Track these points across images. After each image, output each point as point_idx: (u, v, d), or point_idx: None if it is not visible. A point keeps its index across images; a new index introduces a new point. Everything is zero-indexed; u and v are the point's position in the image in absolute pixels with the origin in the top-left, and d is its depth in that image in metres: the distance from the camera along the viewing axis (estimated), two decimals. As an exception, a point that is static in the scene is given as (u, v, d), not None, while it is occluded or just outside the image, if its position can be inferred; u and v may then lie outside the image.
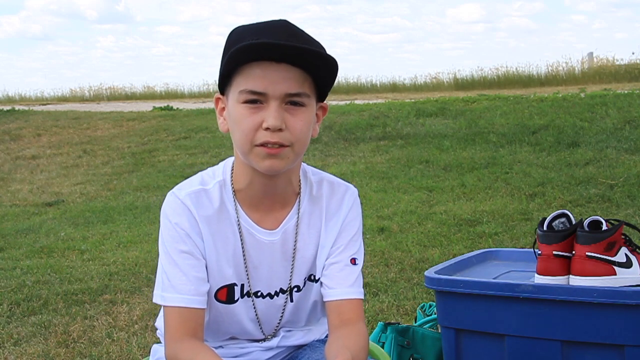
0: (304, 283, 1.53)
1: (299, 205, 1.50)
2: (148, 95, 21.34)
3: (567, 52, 48.01)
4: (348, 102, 12.90)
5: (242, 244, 1.46)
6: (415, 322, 2.50)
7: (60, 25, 71.44)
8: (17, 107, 15.79)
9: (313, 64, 1.34)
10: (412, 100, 11.85)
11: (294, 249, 1.49)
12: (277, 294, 1.51)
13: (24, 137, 11.85)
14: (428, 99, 11.90)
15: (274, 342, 1.56)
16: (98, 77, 62.99)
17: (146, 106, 14.84)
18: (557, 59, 26.12)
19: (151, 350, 1.63)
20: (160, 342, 1.58)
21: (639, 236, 2.10)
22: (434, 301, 2.32)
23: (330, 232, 1.51)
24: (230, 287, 1.47)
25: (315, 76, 1.37)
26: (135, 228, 5.63)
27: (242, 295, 1.49)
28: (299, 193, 1.50)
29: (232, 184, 1.47)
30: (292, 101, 1.35)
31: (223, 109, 1.43)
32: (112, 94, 22.20)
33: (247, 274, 1.48)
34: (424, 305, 2.61)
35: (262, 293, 1.50)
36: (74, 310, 3.59)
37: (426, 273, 1.98)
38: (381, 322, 2.32)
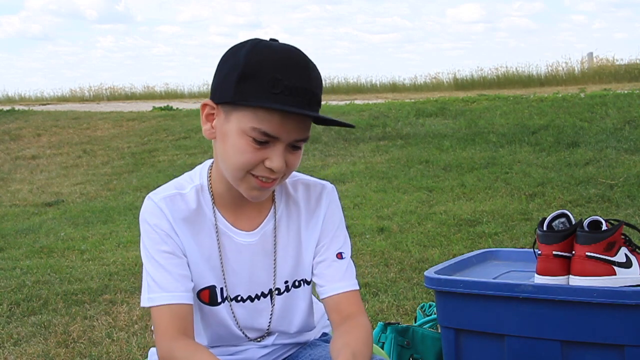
0: (286, 287, 1.52)
1: (275, 209, 1.51)
2: (148, 95, 21.34)
3: (567, 52, 48.03)
4: (348, 102, 12.90)
5: (219, 247, 1.47)
6: (415, 322, 2.50)
7: (60, 25, 71.49)
8: (17, 107, 15.79)
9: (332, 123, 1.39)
10: (412, 101, 11.85)
11: (274, 252, 1.50)
12: (257, 297, 1.51)
13: (24, 137, 11.85)
14: (428, 99, 11.90)
15: (270, 340, 1.55)
16: (98, 77, 63.05)
17: (146, 106, 14.84)
18: (557, 59, 26.17)
19: (149, 353, 1.63)
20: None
21: (639, 236, 2.10)
22: (433, 301, 2.32)
23: (312, 233, 1.52)
24: (211, 289, 1.47)
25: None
26: (135, 228, 5.63)
27: (223, 300, 1.49)
28: (274, 197, 1.52)
29: (210, 188, 1.48)
30: (296, 145, 1.37)
31: (211, 115, 1.40)
32: (112, 94, 22.20)
33: (224, 278, 1.48)
34: (423, 305, 2.61)
35: (242, 297, 1.50)
36: (74, 310, 3.59)
37: (426, 273, 1.98)
38: (381, 322, 2.32)
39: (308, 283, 1.54)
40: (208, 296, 1.48)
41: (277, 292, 1.51)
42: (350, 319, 1.46)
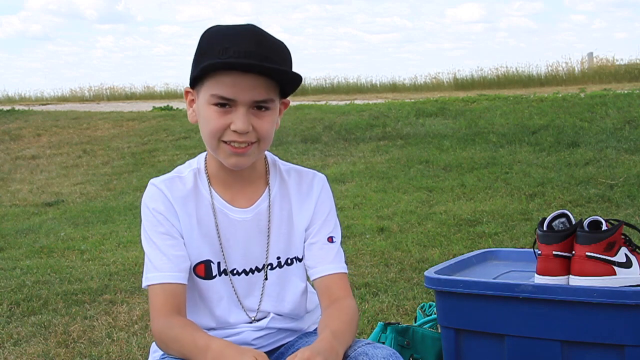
0: (279, 263, 1.60)
1: (269, 190, 1.60)
2: (148, 95, 21.34)
3: (567, 52, 48.03)
4: (348, 102, 12.90)
5: (215, 222, 1.56)
6: (415, 322, 2.50)
7: (60, 25, 71.48)
8: (17, 107, 15.79)
9: (278, 77, 1.46)
10: (412, 100, 11.85)
11: (268, 228, 1.58)
12: (252, 271, 1.59)
13: (24, 137, 11.85)
14: (428, 99, 11.90)
15: (264, 322, 1.61)
16: (98, 77, 63.12)
17: (146, 106, 14.83)
18: (557, 59, 26.12)
19: (151, 348, 1.64)
20: None
21: (639, 236, 2.10)
22: (434, 301, 2.32)
23: (303, 216, 1.61)
24: (207, 264, 1.56)
25: (280, 83, 1.48)
26: (135, 228, 5.63)
27: (219, 273, 1.57)
28: (268, 180, 1.61)
29: (206, 170, 1.59)
30: (258, 106, 1.46)
31: (192, 101, 1.53)
32: (112, 94, 22.21)
33: (222, 252, 1.57)
34: (424, 305, 2.61)
35: (237, 270, 1.58)
36: (74, 310, 3.59)
37: (426, 273, 1.98)
38: (381, 322, 2.32)
39: (300, 260, 1.62)
40: (203, 270, 1.56)
41: (269, 267, 1.60)
42: (336, 301, 1.54)
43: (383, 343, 2.23)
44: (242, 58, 1.40)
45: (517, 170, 6.61)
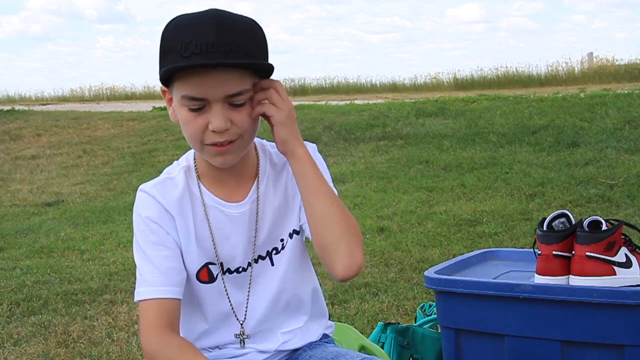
0: (282, 245, 1.52)
1: (259, 176, 1.52)
2: (148, 95, 21.31)
3: (567, 52, 48.00)
4: (348, 102, 12.90)
5: (208, 223, 1.48)
6: (415, 322, 2.50)
7: (60, 25, 71.55)
8: (17, 107, 15.78)
9: (247, 65, 1.35)
10: (412, 100, 11.85)
11: (257, 217, 1.50)
12: (256, 260, 1.51)
13: (24, 137, 11.85)
14: (428, 99, 11.90)
15: (272, 345, 1.54)
16: (98, 77, 63.17)
17: (146, 106, 14.82)
18: (557, 59, 26.10)
19: None
20: None
21: (639, 236, 2.10)
22: (434, 301, 2.32)
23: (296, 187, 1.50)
24: (208, 267, 1.49)
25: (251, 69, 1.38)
26: (135, 228, 5.63)
27: (223, 272, 1.50)
28: (258, 167, 1.52)
29: (195, 168, 1.51)
30: (235, 103, 1.36)
31: (171, 99, 1.43)
32: (112, 94, 22.20)
33: (216, 252, 1.48)
34: (424, 305, 2.61)
35: (243, 268, 1.51)
36: (74, 310, 3.59)
37: (426, 273, 1.98)
38: (381, 322, 2.32)
39: (298, 233, 1.52)
40: (207, 274, 1.49)
41: (274, 251, 1.52)
42: None
43: (383, 343, 2.24)
44: (204, 53, 1.29)
45: (517, 170, 6.61)
